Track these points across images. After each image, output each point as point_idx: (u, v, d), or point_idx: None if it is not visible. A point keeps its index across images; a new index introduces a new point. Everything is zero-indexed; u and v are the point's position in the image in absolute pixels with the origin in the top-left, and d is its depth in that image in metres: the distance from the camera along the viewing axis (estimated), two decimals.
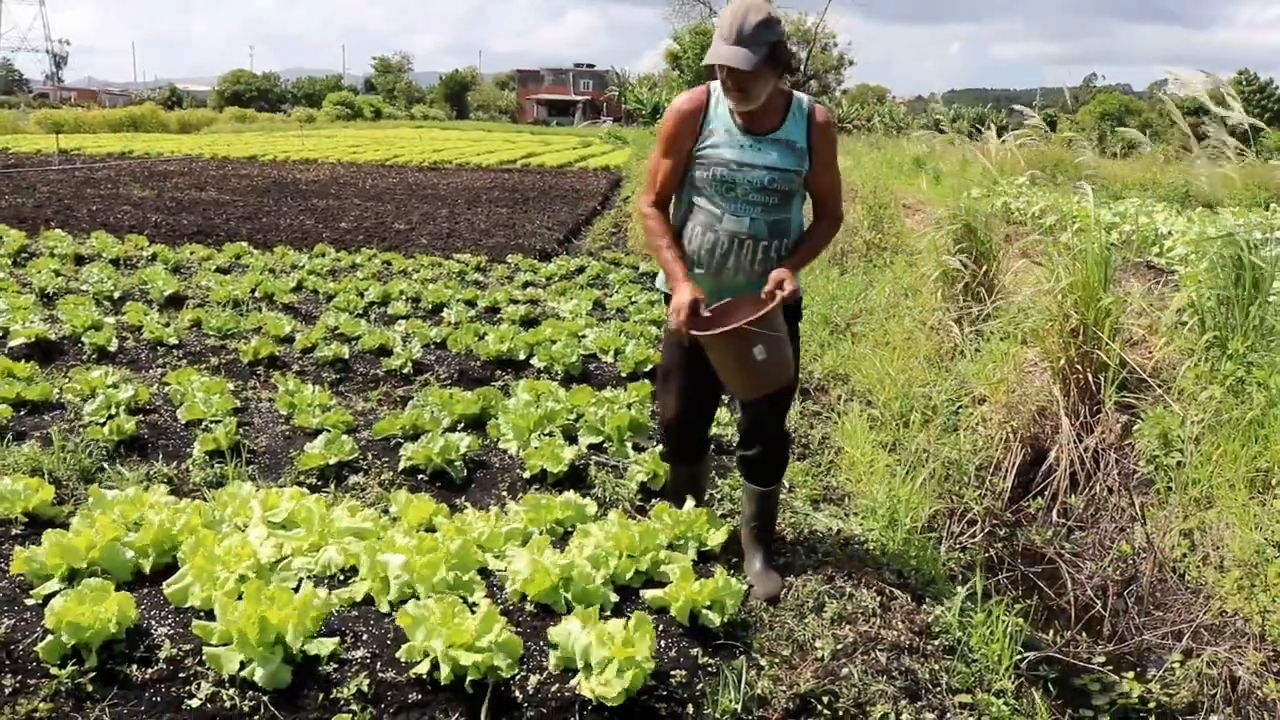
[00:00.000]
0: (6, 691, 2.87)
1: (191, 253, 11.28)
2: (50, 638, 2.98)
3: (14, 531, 3.85)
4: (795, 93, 3.63)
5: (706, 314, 3.52)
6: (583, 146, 42.96)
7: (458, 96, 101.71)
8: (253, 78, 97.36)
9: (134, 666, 3.00)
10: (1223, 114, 6.44)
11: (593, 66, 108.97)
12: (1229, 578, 4.25)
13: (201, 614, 3.22)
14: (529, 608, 3.43)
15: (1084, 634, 4.33)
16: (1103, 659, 4.03)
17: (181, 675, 2.99)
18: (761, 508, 3.98)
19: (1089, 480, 5.51)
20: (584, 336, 7.37)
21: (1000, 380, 6.13)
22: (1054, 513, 5.47)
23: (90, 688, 2.90)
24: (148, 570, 3.50)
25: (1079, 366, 5.75)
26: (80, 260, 10.73)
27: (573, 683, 3.02)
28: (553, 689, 3.02)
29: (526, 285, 10.11)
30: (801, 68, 10.05)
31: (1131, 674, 3.93)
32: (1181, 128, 7.30)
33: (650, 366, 6.63)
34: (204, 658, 2.98)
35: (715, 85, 3.60)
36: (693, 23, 41.81)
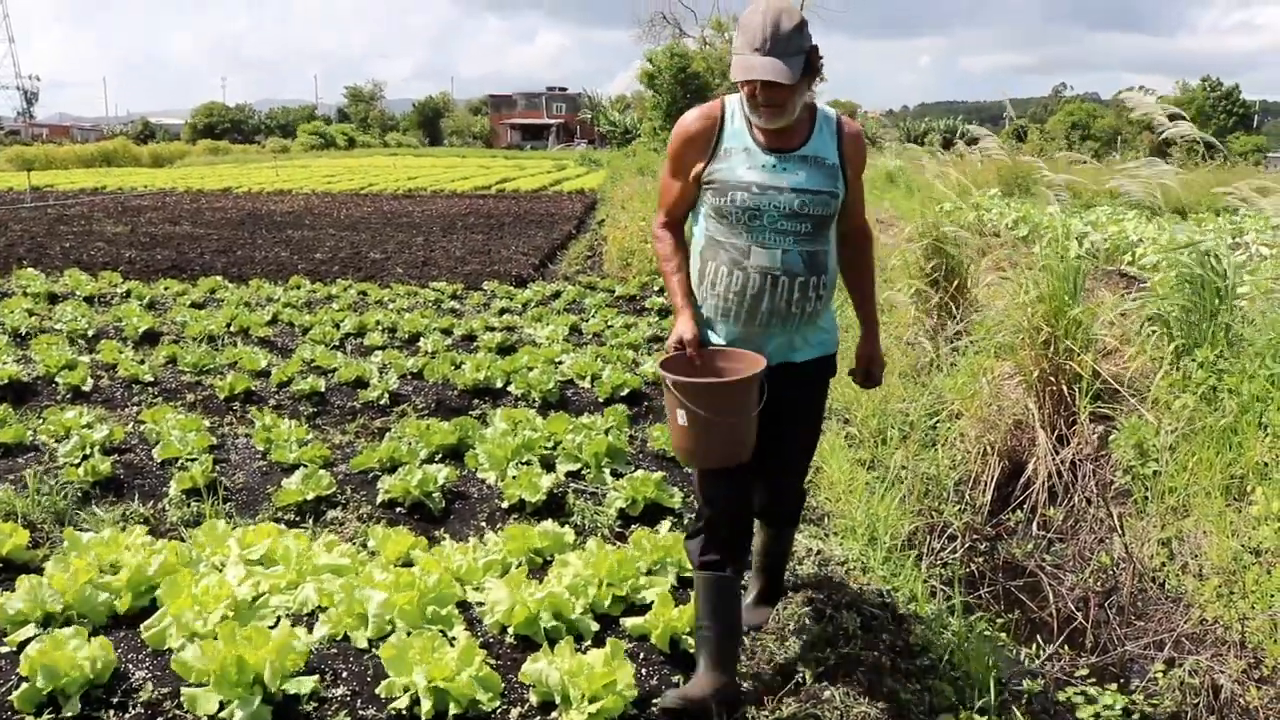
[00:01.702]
0: None
1: (166, 288, 11.24)
2: (26, 685, 2.96)
3: None
4: (818, 104, 3.20)
5: (693, 353, 3.13)
6: (557, 170, 43.04)
7: (431, 123, 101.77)
8: (225, 109, 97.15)
9: (113, 712, 2.98)
10: (1173, 128, 6.52)
11: (565, 90, 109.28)
12: (1208, 586, 4.27)
13: (179, 654, 3.20)
14: (509, 639, 3.42)
15: (1066, 647, 4.34)
16: (1085, 671, 4.04)
17: (160, 718, 2.97)
18: (773, 545, 3.73)
19: (1067, 492, 5.53)
20: (561, 363, 7.37)
21: (975, 394, 6.16)
22: (1034, 525, 5.49)
23: None
24: (126, 613, 3.48)
25: (1052, 379, 5.78)
26: (54, 299, 10.68)
27: (553, 715, 3.01)
28: None
29: (503, 312, 10.11)
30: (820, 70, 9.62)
31: (1115, 685, 3.94)
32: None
33: (627, 390, 6.63)
34: (182, 699, 2.96)
35: (732, 100, 3.20)
36: (665, 44, 41.95)
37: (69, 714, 2.93)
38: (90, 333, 8.63)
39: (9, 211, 21.99)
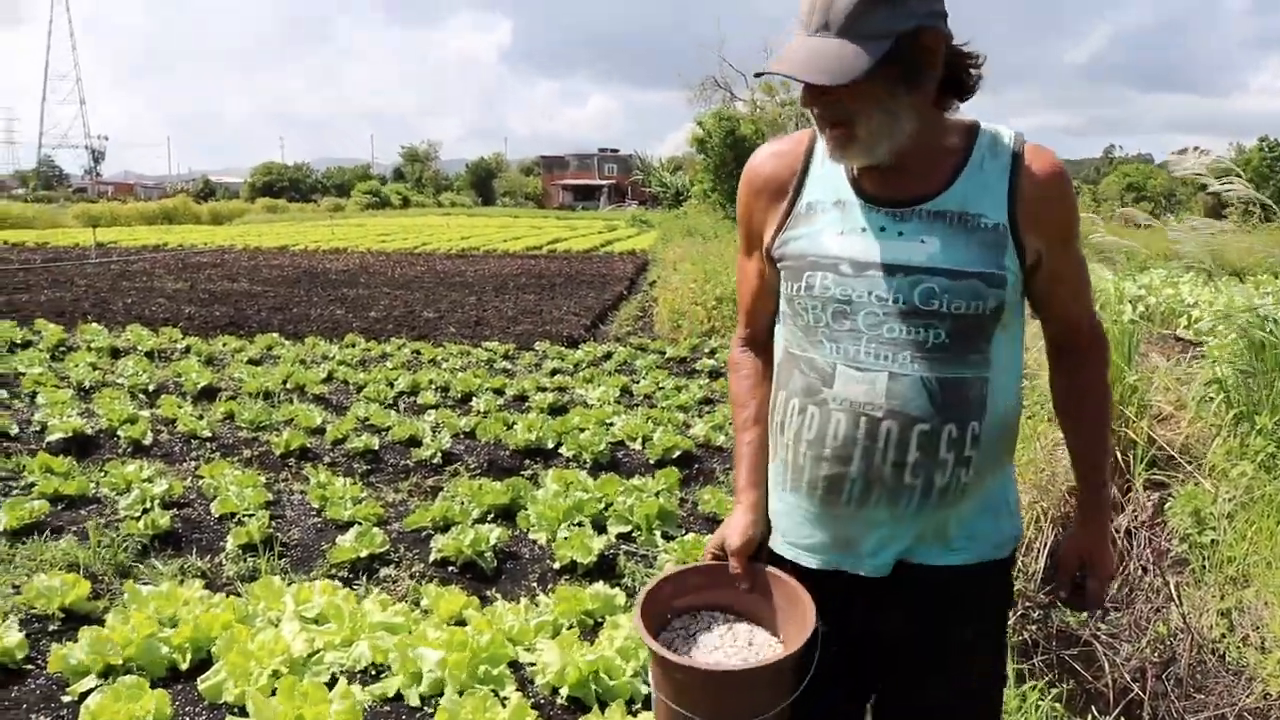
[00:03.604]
0: None
1: (224, 344, 11.45)
2: None
3: (51, 627, 3.90)
4: (985, 126, 1.94)
5: (736, 569, 2.07)
6: (608, 231, 43.41)
7: (484, 183, 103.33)
8: (284, 168, 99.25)
9: None
10: (1226, 188, 6.49)
11: (616, 151, 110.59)
12: (1270, 659, 4.19)
13: (236, 709, 3.25)
14: (560, 700, 3.44)
15: (1123, 718, 4.27)
16: None
17: None
18: None
19: (1122, 560, 5.46)
20: (612, 424, 7.41)
21: (1029, 461, 6.11)
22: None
23: None
24: (184, 666, 3.54)
25: None
26: (116, 353, 10.91)
27: None
28: None
29: (554, 372, 10.18)
30: (978, 76, 2.10)
31: None
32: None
33: (678, 453, 6.65)
34: None
35: None
36: (715, 107, 42.36)
37: None
38: (151, 387, 8.80)
39: (75, 268, 22.54)
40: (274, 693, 3.16)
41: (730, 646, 2.02)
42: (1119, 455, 5.69)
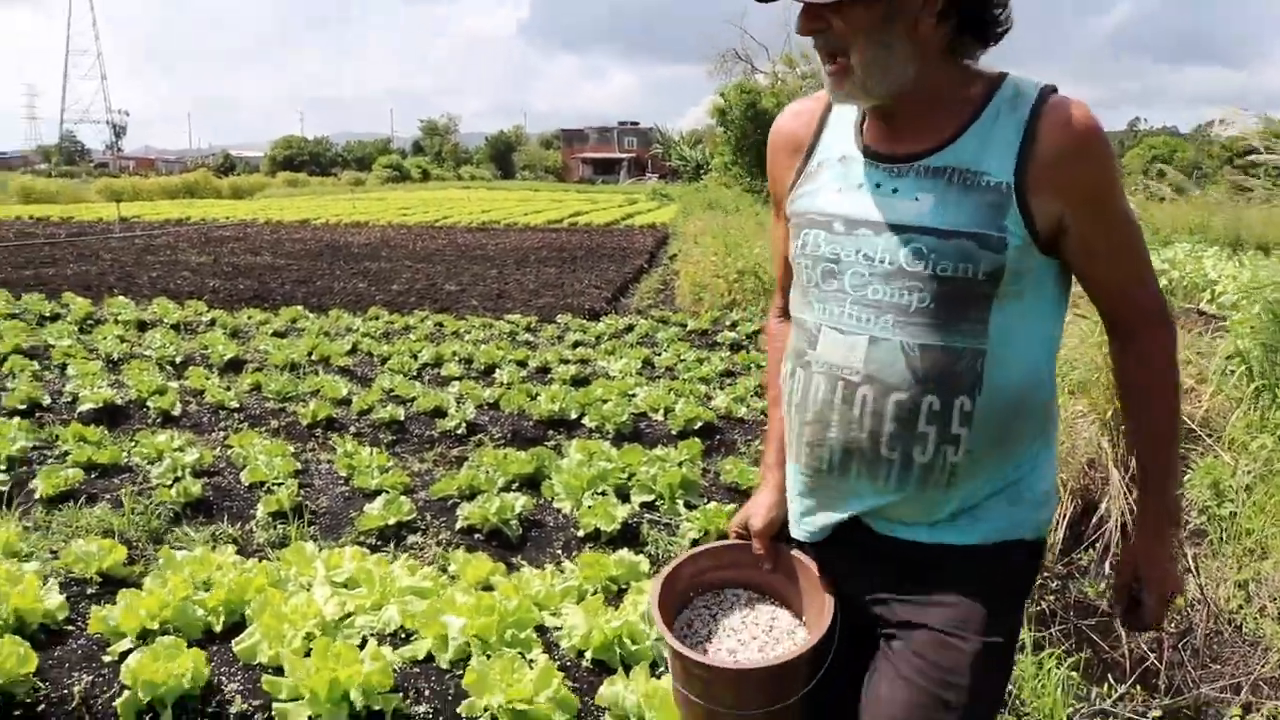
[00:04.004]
0: None
1: (249, 317, 11.56)
2: (127, 694, 3.10)
3: (89, 591, 3.99)
4: (1011, 77, 1.77)
5: (758, 549, 2.07)
6: (628, 204, 43.39)
7: (504, 157, 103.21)
8: (304, 142, 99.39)
9: None
10: (1269, 158, 6.47)
11: (636, 124, 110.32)
12: None
13: (269, 670, 3.33)
14: (585, 663, 3.51)
15: (1139, 687, 4.32)
16: (1159, 713, 4.02)
17: None
18: None
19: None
20: (634, 395, 7.47)
21: None
22: (1106, 565, 5.46)
23: None
24: (218, 629, 3.62)
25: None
26: (143, 326, 11.03)
27: None
28: None
29: (576, 345, 10.25)
30: (1006, 22, 1.78)
31: None
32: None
33: (700, 424, 6.71)
34: (274, 713, 3.08)
35: None
36: (736, 79, 42.15)
37: None
38: (178, 359, 8.91)
39: (100, 241, 22.72)
40: (308, 654, 3.25)
41: (751, 630, 2.01)
42: None
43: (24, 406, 6.93)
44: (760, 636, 1.99)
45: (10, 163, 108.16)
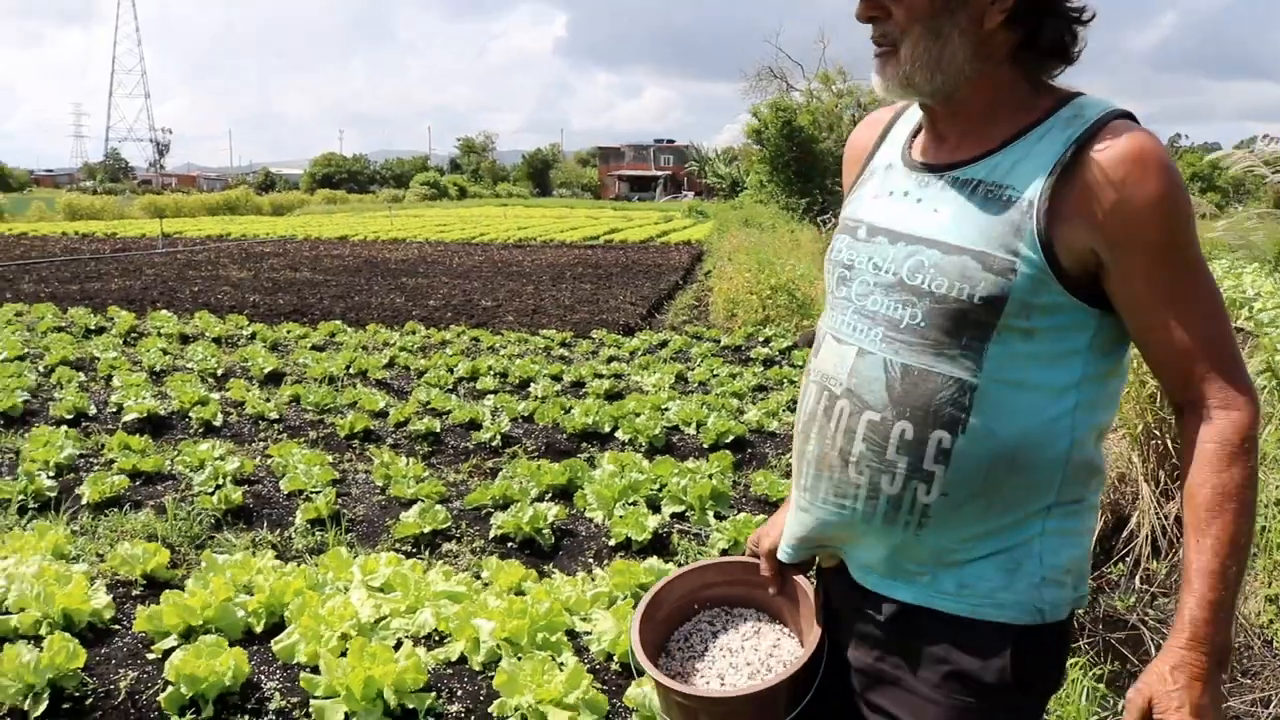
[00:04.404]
0: None
1: (288, 331, 11.75)
2: (170, 689, 3.20)
3: (134, 592, 4.12)
4: (1083, 97, 1.59)
5: (765, 571, 1.96)
6: (664, 221, 43.53)
7: (540, 174, 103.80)
8: (342, 160, 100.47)
9: (246, 717, 3.21)
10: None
11: (672, 142, 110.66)
12: None
13: (307, 669, 3.43)
14: (614, 667, 3.59)
15: None
16: None
17: None
18: None
19: (1171, 546, 5.50)
20: (667, 409, 7.55)
21: None
22: (1136, 579, 5.47)
23: None
24: (258, 629, 3.73)
25: (1156, 432, 5.78)
26: (185, 339, 11.24)
27: None
28: None
29: (611, 360, 10.34)
30: (1078, 43, 1.60)
31: None
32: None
33: (731, 437, 6.77)
34: (310, 710, 3.17)
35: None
36: (771, 97, 42.26)
37: (207, 716, 3.17)
38: (219, 372, 9.09)
39: (144, 257, 23.08)
40: (344, 653, 3.34)
41: (748, 655, 1.93)
42: (1169, 443, 5.71)
43: (70, 416, 7.11)
44: (754, 663, 1.91)
45: (57, 180, 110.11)
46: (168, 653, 3.44)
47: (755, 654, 1.92)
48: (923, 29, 1.55)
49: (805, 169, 36.57)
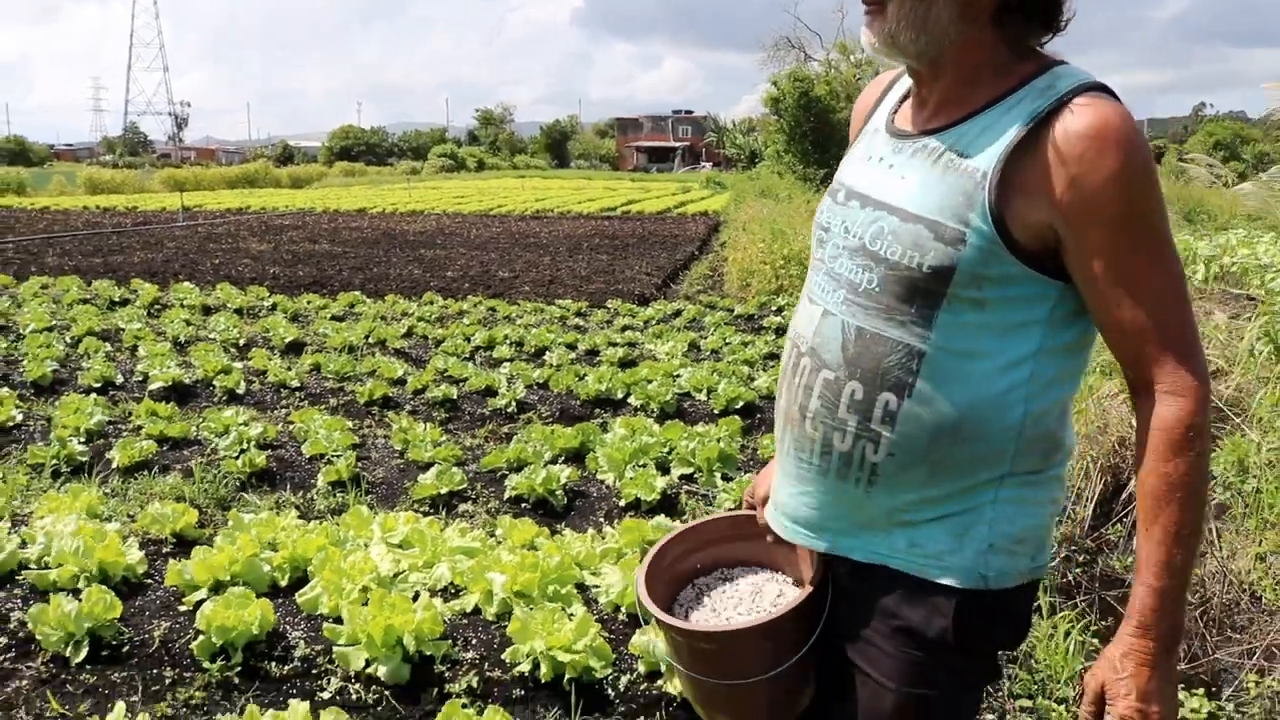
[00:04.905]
0: (167, 682, 3.30)
1: (309, 302, 11.94)
2: (202, 638, 3.39)
3: (164, 550, 4.32)
4: (1063, 66, 1.60)
5: (761, 520, 2.00)
6: (682, 192, 43.52)
7: (558, 145, 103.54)
8: (361, 132, 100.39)
9: (273, 664, 3.40)
10: None
11: (691, 113, 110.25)
12: None
13: (329, 619, 3.61)
14: (621, 617, 3.76)
15: None
16: None
17: (314, 672, 3.39)
18: None
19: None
20: (679, 376, 7.70)
21: (1081, 412, 6.29)
22: (1134, 540, 5.61)
23: (237, 680, 3.32)
24: (283, 583, 3.92)
25: None
26: (207, 310, 11.45)
27: (659, 682, 3.33)
28: (641, 687, 3.34)
29: (625, 328, 10.50)
30: (1063, 10, 1.62)
31: (1203, 691, 4.08)
32: None
33: (741, 403, 6.92)
34: (334, 656, 3.36)
35: None
36: (789, 68, 42.11)
37: (236, 663, 3.36)
38: (241, 342, 9.29)
39: (165, 230, 23.31)
40: (364, 604, 3.53)
41: (750, 603, 1.99)
42: None
43: (99, 385, 7.32)
44: (761, 609, 1.95)
45: (77, 154, 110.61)
46: (198, 605, 3.63)
47: (759, 600, 1.98)
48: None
49: (822, 139, 36.47)
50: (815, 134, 36.73)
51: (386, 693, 3.28)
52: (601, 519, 5.02)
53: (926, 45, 1.61)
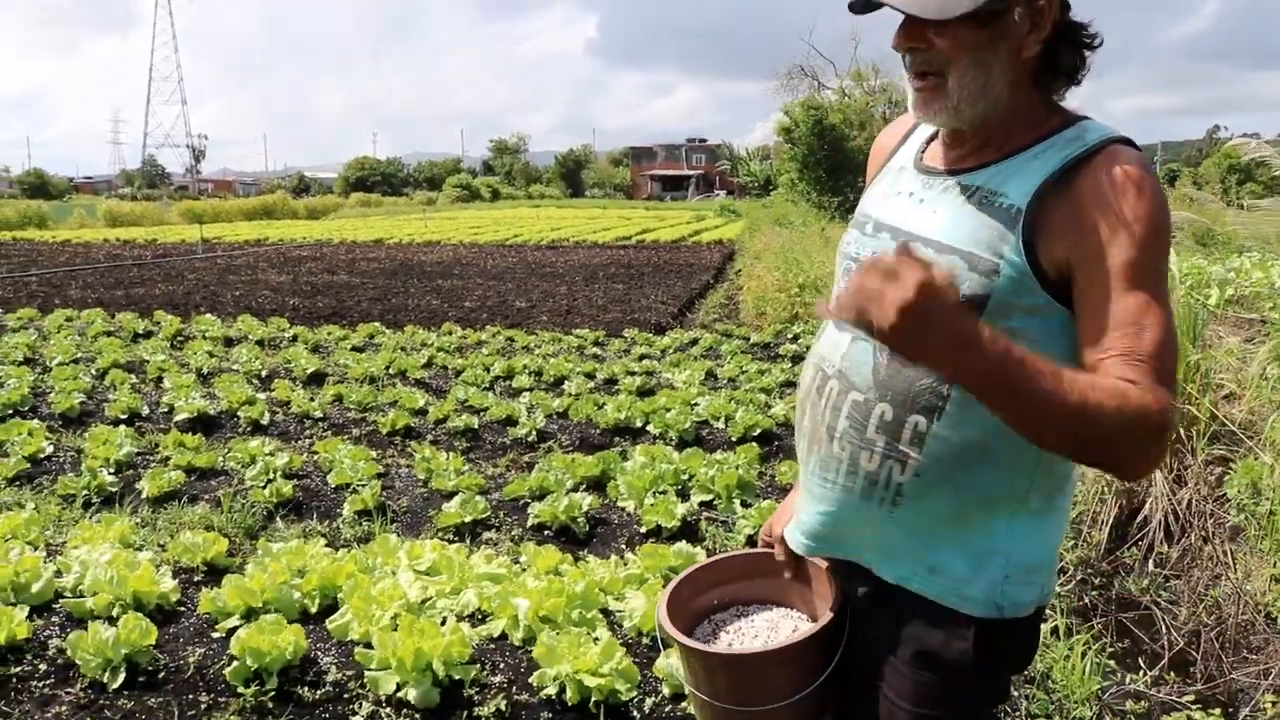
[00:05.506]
0: (203, 707, 3.39)
1: (329, 333, 12.08)
2: (236, 663, 3.48)
3: (195, 578, 4.42)
4: (1089, 121, 1.71)
5: (779, 556, 2.05)
6: (696, 221, 43.66)
7: (573, 175, 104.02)
8: (376, 163, 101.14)
9: (305, 689, 3.49)
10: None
11: (704, 141, 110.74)
12: None
13: (360, 645, 3.70)
14: (645, 641, 3.84)
15: (1173, 674, 4.53)
16: (1191, 698, 4.23)
17: (346, 696, 3.47)
18: None
19: (1184, 531, 5.68)
20: (696, 405, 7.78)
21: None
22: (1150, 563, 5.66)
23: (270, 705, 3.41)
24: (313, 610, 4.01)
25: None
26: (229, 342, 11.59)
27: (684, 704, 3.41)
28: (666, 709, 3.41)
29: (642, 357, 10.59)
30: (1084, 66, 1.73)
31: (1219, 711, 4.12)
32: None
33: (759, 431, 7.00)
34: (365, 681, 3.45)
35: None
36: (803, 96, 42.34)
37: (270, 688, 3.44)
38: (264, 373, 9.42)
39: (185, 262, 23.57)
40: (394, 630, 3.61)
41: (768, 634, 2.02)
42: (1182, 432, 5.89)
43: (125, 416, 7.45)
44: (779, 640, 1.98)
45: (96, 187, 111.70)
46: (231, 631, 3.73)
47: (774, 636, 2.01)
48: (970, 60, 1.63)
49: (836, 167, 36.63)
50: (829, 161, 36.89)
51: (417, 716, 3.36)
52: (623, 545, 5.10)
53: (983, 111, 1.68)
